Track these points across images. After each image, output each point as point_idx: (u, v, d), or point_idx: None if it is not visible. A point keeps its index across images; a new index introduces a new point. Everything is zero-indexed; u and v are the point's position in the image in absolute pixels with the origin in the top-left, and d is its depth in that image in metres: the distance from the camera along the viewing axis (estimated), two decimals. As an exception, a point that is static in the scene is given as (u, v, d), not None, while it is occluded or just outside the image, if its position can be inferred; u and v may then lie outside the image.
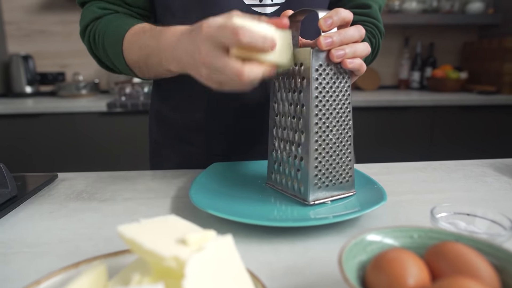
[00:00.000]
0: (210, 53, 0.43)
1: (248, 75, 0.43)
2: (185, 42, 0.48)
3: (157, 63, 0.56)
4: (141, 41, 0.59)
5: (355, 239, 0.34)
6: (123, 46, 0.62)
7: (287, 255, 0.42)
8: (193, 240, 0.31)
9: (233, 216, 0.46)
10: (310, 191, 0.51)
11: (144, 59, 0.59)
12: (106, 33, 0.64)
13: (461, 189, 0.64)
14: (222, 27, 0.42)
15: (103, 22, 0.65)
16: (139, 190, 0.64)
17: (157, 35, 0.55)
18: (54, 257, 0.43)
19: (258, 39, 0.42)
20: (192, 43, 0.46)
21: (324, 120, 0.51)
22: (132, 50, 0.61)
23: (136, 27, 0.61)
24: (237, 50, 0.43)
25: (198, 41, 0.45)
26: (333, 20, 0.47)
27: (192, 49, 0.46)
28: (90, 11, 0.67)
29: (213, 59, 0.43)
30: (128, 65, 0.64)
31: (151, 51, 0.56)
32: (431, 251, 0.33)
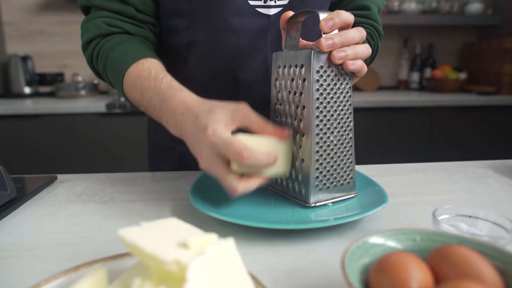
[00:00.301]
0: (211, 160, 0.46)
1: (242, 191, 0.46)
2: (188, 128, 0.49)
3: (157, 117, 0.57)
4: (145, 88, 0.57)
5: (357, 242, 0.34)
6: (124, 81, 0.61)
7: (289, 258, 0.42)
8: (195, 243, 0.31)
9: (234, 219, 0.46)
10: (311, 193, 0.51)
11: (144, 106, 0.59)
12: (109, 58, 0.62)
13: (462, 191, 0.64)
14: (227, 144, 0.44)
15: (107, 44, 0.63)
16: (139, 192, 0.63)
17: (162, 95, 0.54)
18: (54, 260, 0.42)
19: (261, 159, 0.45)
20: (194, 136, 0.48)
21: (325, 121, 0.50)
22: (134, 90, 0.60)
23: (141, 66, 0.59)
24: (238, 166, 0.45)
25: (200, 141, 0.46)
26: (334, 22, 0.47)
27: (193, 142, 0.48)
28: (95, 26, 0.64)
29: (212, 167, 0.46)
30: (127, 97, 0.63)
31: (152, 105, 0.56)
32: (434, 254, 0.33)
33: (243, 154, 0.43)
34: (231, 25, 0.66)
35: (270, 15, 0.67)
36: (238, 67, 0.69)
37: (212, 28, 0.67)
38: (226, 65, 0.70)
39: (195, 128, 0.47)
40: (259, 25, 0.67)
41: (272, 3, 0.66)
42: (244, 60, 0.69)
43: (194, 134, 0.47)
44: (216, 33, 0.67)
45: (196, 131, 0.47)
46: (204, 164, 0.47)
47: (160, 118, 0.56)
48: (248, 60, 0.69)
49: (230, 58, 0.69)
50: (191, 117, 0.49)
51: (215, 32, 0.67)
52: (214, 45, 0.68)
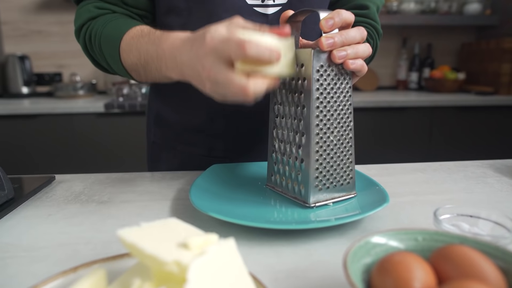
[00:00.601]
0: (214, 68, 0.43)
1: (253, 90, 0.42)
2: (187, 53, 0.47)
3: (157, 69, 0.56)
4: (140, 45, 0.57)
5: (359, 242, 0.34)
6: (120, 48, 0.60)
7: (289, 258, 0.42)
8: (195, 244, 0.31)
9: (234, 219, 0.45)
10: (311, 193, 0.51)
11: (142, 65, 0.58)
12: (102, 34, 0.62)
13: (463, 190, 0.64)
14: (226, 40, 0.41)
15: (99, 22, 0.64)
16: (138, 192, 0.63)
17: (157, 41, 0.54)
18: (52, 261, 0.42)
19: (264, 52, 0.41)
20: (194, 56, 0.45)
21: (325, 121, 0.50)
22: (130, 54, 0.59)
23: (134, 29, 0.60)
24: (241, 64, 0.42)
25: (201, 54, 0.44)
26: (334, 21, 0.47)
27: (194, 62, 0.45)
28: (86, 10, 0.66)
29: (217, 74, 0.43)
30: (125, 68, 0.62)
31: (150, 58, 0.55)
32: (436, 254, 0.33)
33: (244, 45, 0.40)
34: None
35: (268, 14, 0.66)
36: None
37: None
38: None
39: (194, 47, 0.45)
40: (258, 24, 0.67)
41: (271, 2, 0.66)
42: None
43: (194, 54, 0.45)
44: None
45: (196, 48, 0.45)
46: (208, 75, 0.44)
47: (160, 67, 0.54)
48: None
49: None
50: (188, 44, 0.47)
51: None
52: None
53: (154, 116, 0.83)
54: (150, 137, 0.88)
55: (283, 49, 0.46)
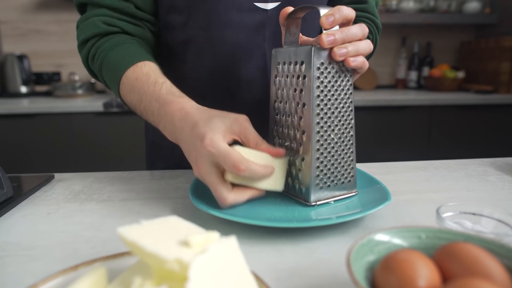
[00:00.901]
0: (205, 168, 0.47)
1: (231, 202, 0.47)
2: (186, 134, 0.49)
3: (154, 122, 0.57)
4: (143, 92, 0.57)
5: (362, 240, 0.34)
6: (121, 82, 0.60)
7: (291, 257, 0.41)
8: (196, 242, 0.30)
9: (235, 217, 0.45)
10: (312, 192, 0.50)
11: (141, 110, 0.59)
12: (105, 59, 0.62)
13: (464, 189, 0.63)
14: (224, 155, 0.44)
15: (105, 45, 0.63)
16: (138, 190, 0.62)
17: (161, 100, 0.54)
18: (51, 260, 0.41)
19: (258, 172, 0.46)
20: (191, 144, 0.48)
21: (326, 119, 0.50)
22: (131, 94, 0.59)
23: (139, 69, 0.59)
24: (232, 177, 0.46)
25: (197, 148, 0.47)
26: (335, 18, 0.46)
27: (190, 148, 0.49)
28: (92, 25, 0.63)
29: (205, 175, 0.47)
30: (122, 98, 0.63)
31: (150, 111, 0.56)
32: (440, 252, 0.32)
33: (240, 166, 0.44)
34: (229, 21, 0.65)
35: (268, 9, 0.66)
36: (236, 63, 0.68)
37: (210, 24, 0.66)
38: (225, 61, 0.69)
39: (192, 135, 0.48)
40: (257, 20, 0.66)
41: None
42: (243, 56, 0.68)
43: (191, 141, 0.48)
44: (213, 29, 0.66)
45: (194, 138, 0.47)
46: (198, 171, 0.48)
47: (157, 123, 0.56)
48: (246, 56, 0.68)
49: (229, 54, 0.68)
50: (189, 124, 0.49)
51: (212, 28, 0.66)
52: (212, 41, 0.67)
53: None
54: (148, 137, 0.87)
55: (276, 168, 0.50)
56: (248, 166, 0.44)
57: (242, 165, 0.44)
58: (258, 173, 0.46)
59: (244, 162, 0.44)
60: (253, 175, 0.45)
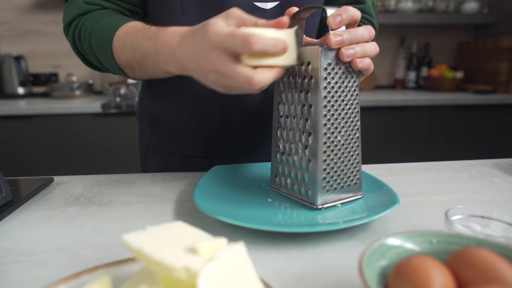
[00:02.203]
0: (219, 61, 0.43)
1: (259, 81, 0.43)
2: (188, 47, 0.47)
3: (154, 64, 0.55)
4: (135, 41, 0.56)
5: (373, 245, 0.33)
6: (113, 45, 0.59)
7: (298, 262, 0.41)
8: (204, 249, 0.29)
9: (242, 222, 0.44)
10: (318, 195, 0.50)
11: (138, 61, 0.57)
12: (93, 30, 0.61)
13: (469, 190, 0.63)
14: (231, 36, 0.41)
15: (90, 18, 0.62)
16: (139, 193, 0.61)
17: (154, 36, 0.53)
18: (53, 266, 0.40)
19: (269, 44, 0.42)
20: (196, 50, 0.45)
21: (333, 121, 0.49)
22: (124, 50, 0.58)
23: (127, 25, 0.59)
24: (247, 59, 0.42)
25: (204, 49, 0.44)
26: (342, 18, 0.46)
27: (197, 56, 0.45)
28: (75, 6, 0.64)
29: (222, 67, 0.43)
30: (118, 64, 0.61)
31: (147, 53, 0.54)
32: (454, 258, 0.32)
33: (250, 39, 0.40)
34: None
35: (267, 9, 0.65)
36: None
37: None
38: None
39: (196, 41, 0.45)
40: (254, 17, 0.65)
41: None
42: None
43: (197, 48, 0.45)
44: None
45: (198, 42, 0.44)
46: (213, 68, 0.44)
47: (158, 62, 0.54)
48: None
49: None
50: (189, 38, 0.47)
51: None
52: None
53: (149, 117, 0.80)
54: (143, 141, 0.85)
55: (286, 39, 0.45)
56: (258, 37, 0.41)
57: (252, 37, 0.40)
58: (270, 44, 0.42)
59: (253, 35, 0.41)
60: (266, 47, 0.42)
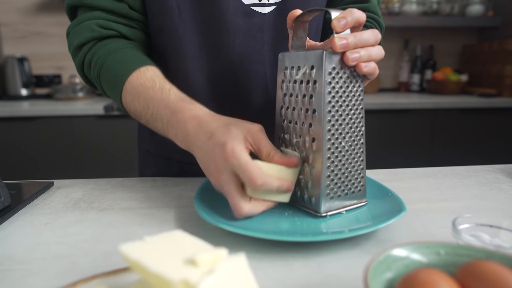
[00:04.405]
0: (225, 178, 0.45)
1: (247, 213, 0.46)
2: (202, 143, 0.48)
3: (163, 131, 0.55)
4: (150, 99, 0.55)
5: (379, 257, 0.32)
6: (124, 89, 0.58)
7: (301, 272, 0.39)
8: (204, 260, 0.28)
9: (245, 231, 0.43)
10: (322, 202, 0.48)
11: (147, 118, 0.57)
12: (105, 64, 0.59)
13: (476, 197, 0.61)
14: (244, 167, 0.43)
15: (103, 48, 0.60)
16: (139, 199, 0.60)
17: (172, 106, 0.53)
18: (48, 275, 0.39)
19: (274, 186, 0.45)
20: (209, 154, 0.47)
21: (337, 126, 0.48)
22: (136, 101, 0.57)
23: (143, 74, 0.57)
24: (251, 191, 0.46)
25: (217, 158, 0.46)
26: (347, 21, 0.45)
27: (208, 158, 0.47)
28: (87, 28, 0.61)
29: (225, 184, 0.46)
30: (124, 107, 0.60)
31: (159, 118, 0.54)
32: (463, 271, 0.30)
33: (257, 181, 0.43)
34: (224, 25, 0.63)
35: (265, 13, 0.64)
36: (234, 69, 0.66)
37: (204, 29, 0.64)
38: (222, 67, 0.66)
39: (211, 145, 0.46)
40: (255, 24, 0.64)
41: (266, 1, 0.63)
42: (241, 61, 0.66)
43: (210, 150, 0.47)
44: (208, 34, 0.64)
45: (213, 147, 0.46)
46: (217, 179, 0.47)
47: (167, 131, 0.54)
48: (245, 62, 0.66)
49: (226, 61, 0.65)
50: (206, 134, 0.48)
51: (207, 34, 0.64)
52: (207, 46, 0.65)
53: None
54: (143, 146, 0.84)
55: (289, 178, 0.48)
56: (265, 181, 0.44)
57: (259, 180, 0.43)
58: (274, 186, 0.45)
59: (261, 177, 0.43)
60: (269, 188, 0.45)
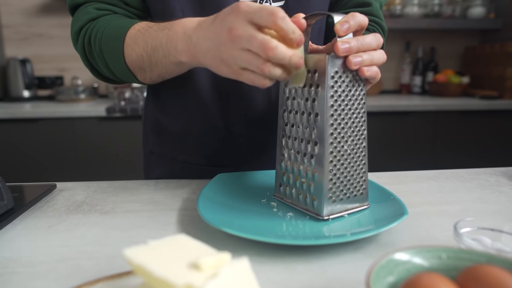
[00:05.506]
0: (242, 28, 0.43)
1: (275, 51, 0.42)
2: (208, 27, 0.47)
3: (164, 55, 0.55)
4: (148, 34, 0.56)
5: (381, 261, 0.32)
6: (124, 43, 0.59)
7: (304, 275, 0.40)
8: (207, 264, 0.28)
9: (248, 234, 0.43)
10: (324, 205, 0.48)
11: (149, 54, 0.57)
12: (104, 33, 0.60)
13: (478, 200, 0.61)
14: (261, 8, 0.42)
15: (100, 21, 0.62)
16: (142, 201, 0.61)
17: (168, 25, 0.54)
18: (52, 278, 0.39)
19: (290, 27, 0.42)
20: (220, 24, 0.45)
21: (340, 130, 0.48)
22: (135, 46, 0.58)
23: (139, 24, 0.59)
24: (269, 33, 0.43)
25: (231, 19, 0.44)
26: (350, 25, 0.45)
27: (218, 30, 0.45)
28: (84, 12, 0.63)
29: (244, 32, 0.43)
30: (127, 65, 0.60)
31: (158, 43, 0.55)
32: (464, 275, 0.31)
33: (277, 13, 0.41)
34: None
35: None
36: None
37: None
38: None
39: (218, 20, 0.46)
40: None
41: (268, 5, 0.64)
42: None
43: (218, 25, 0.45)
44: None
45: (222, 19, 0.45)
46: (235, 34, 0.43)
47: (168, 50, 0.54)
48: None
49: None
50: (208, 21, 0.48)
51: None
52: None
53: (152, 124, 0.80)
54: (147, 147, 0.84)
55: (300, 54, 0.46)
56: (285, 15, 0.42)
57: (280, 12, 0.42)
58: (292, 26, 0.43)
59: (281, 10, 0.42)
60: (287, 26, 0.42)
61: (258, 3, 0.43)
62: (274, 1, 0.64)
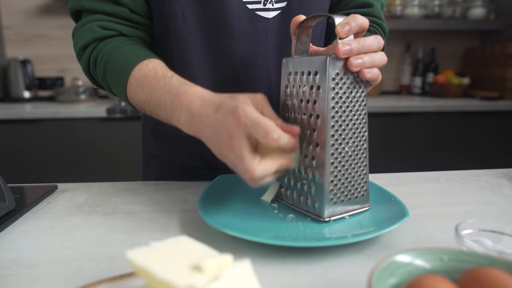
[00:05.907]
0: (237, 141, 0.44)
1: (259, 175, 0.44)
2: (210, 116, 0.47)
3: (167, 117, 0.54)
4: (153, 88, 0.55)
5: (383, 263, 0.32)
6: (128, 82, 0.58)
7: (305, 277, 0.40)
8: (209, 266, 0.29)
9: (249, 236, 0.43)
10: (325, 207, 0.49)
11: (151, 107, 0.56)
12: (109, 61, 0.60)
13: (479, 202, 0.61)
14: (258, 124, 0.42)
15: (107, 45, 0.61)
16: (143, 202, 0.61)
17: (174, 90, 0.52)
18: (54, 280, 0.40)
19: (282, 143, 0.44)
20: (220, 123, 0.45)
21: (341, 131, 0.48)
22: (139, 92, 0.57)
23: (146, 66, 0.57)
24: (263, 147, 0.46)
25: (229, 125, 0.44)
26: (351, 27, 0.45)
27: (219, 128, 0.46)
28: (89, 30, 0.62)
29: (238, 148, 0.44)
30: (129, 100, 0.61)
31: (163, 104, 0.54)
32: (466, 277, 0.31)
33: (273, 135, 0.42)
34: (228, 30, 0.63)
35: (270, 18, 0.65)
36: (238, 73, 0.66)
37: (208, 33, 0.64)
38: (226, 72, 0.67)
39: (220, 115, 0.45)
40: (260, 29, 0.65)
41: (271, 6, 0.64)
42: (245, 66, 0.66)
43: (220, 120, 0.45)
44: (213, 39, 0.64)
45: (223, 116, 0.45)
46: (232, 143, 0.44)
47: (171, 116, 0.53)
48: (249, 67, 0.66)
49: (230, 66, 0.66)
50: (213, 107, 0.47)
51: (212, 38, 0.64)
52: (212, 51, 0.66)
53: (151, 128, 0.80)
54: (147, 150, 0.84)
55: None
56: (280, 134, 0.43)
57: (276, 133, 0.42)
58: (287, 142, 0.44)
59: (277, 130, 0.42)
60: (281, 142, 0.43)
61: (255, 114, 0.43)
62: (277, 2, 0.64)
